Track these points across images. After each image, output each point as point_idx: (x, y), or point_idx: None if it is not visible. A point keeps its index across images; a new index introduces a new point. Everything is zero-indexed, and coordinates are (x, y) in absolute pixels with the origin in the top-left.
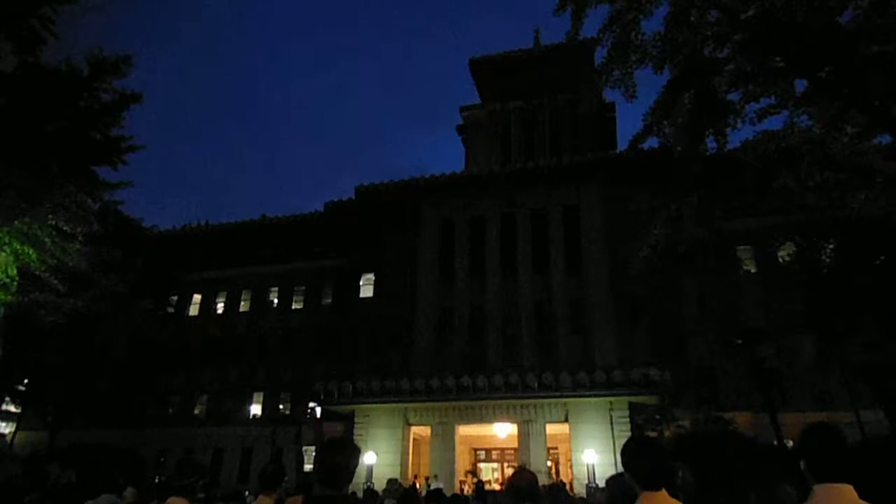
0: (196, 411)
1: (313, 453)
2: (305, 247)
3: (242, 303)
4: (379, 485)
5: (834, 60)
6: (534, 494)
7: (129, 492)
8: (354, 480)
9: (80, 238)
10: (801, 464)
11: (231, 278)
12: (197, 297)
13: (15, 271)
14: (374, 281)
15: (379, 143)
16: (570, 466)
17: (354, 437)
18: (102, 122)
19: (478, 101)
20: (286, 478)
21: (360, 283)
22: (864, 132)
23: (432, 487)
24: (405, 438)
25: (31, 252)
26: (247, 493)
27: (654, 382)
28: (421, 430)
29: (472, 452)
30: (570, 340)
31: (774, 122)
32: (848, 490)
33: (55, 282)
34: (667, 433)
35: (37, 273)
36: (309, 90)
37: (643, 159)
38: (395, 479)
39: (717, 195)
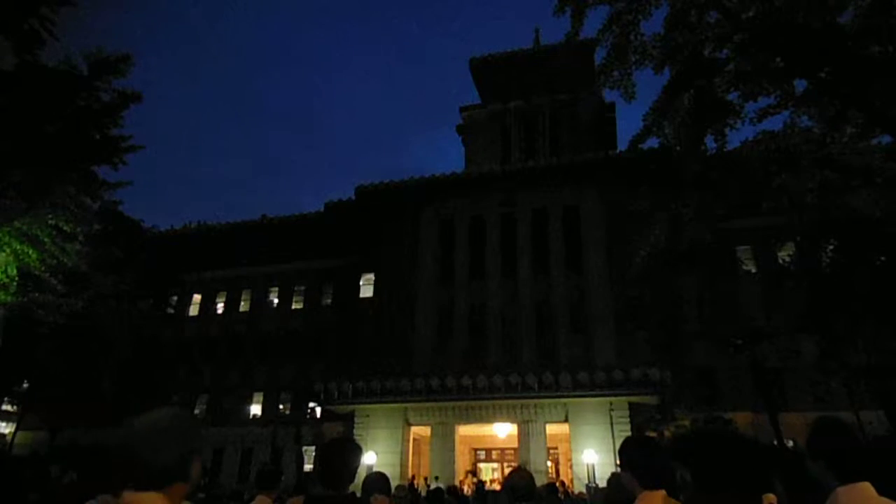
0: (196, 411)
1: (313, 453)
2: (305, 247)
3: (242, 303)
4: None
5: (834, 60)
6: (531, 494)
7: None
8: (355, 480)
9: (80, 238)
10: (818, 464)
11: (231, 278)
12: (197, 297)
13: (15, 271)
14: (374, 281)
15: (379, 143)
16: (570, 466)
17: (354, 437)
18: (102, 121)
19: (478, 101)
20: (283, 477)
21: (360, 283)
22: (864, 132)
23: (433, 488)
24: (405, 438)
25: (31, 252)
26: (246, 493)
27: (654, 382)
28: (421, 430)
29: (472, 452)
30: (570, 340)
31: (774, 122)
32: (867, 487)
33: (55, 282)
34: (667, 433)
35: (37, 273)
36: (309, 90)
37: (643, 159)
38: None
39: (717, 195)
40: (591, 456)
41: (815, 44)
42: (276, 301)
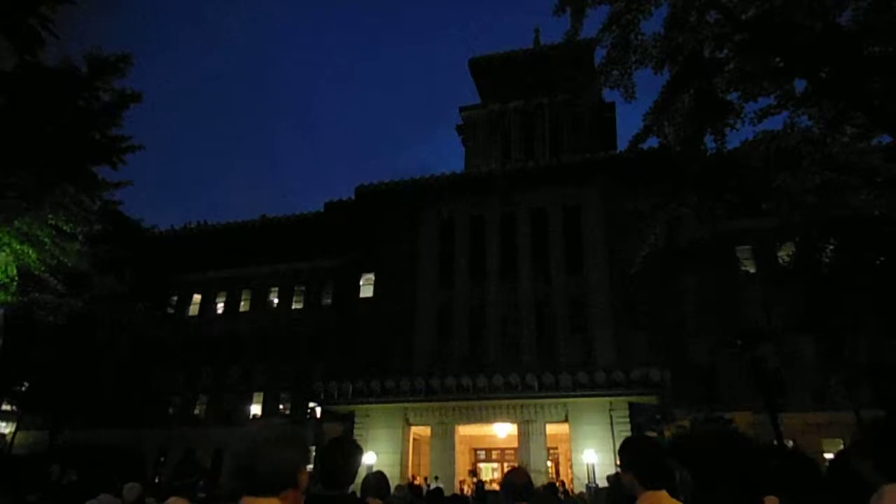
0: (196, 411)
1: (313, 453)
2: (305, 247)
3: (242, 303)
4: None
5: (834, 60)
6: (528, 493)
7: (130, 487)
8: (356, 480)
9: (80, 238)
10: (866, 463)
11: (231, 278)
12: (197, 297)
13: (15, 271)
14: (374, 281)
15: (379, 143)
16: (570, 466)
17: (354, 437)
18: (102, 121)
19: (478, 101)
20: None
21: (360, 283)
22: (864, 132)
23: (433, 488)
24: (405, 438)
25: (31, 252)
26: None
27: (654, 382)
28: (421, 430)
29: (472, 452)
30: (570, 340)
31: (774, 122)
32: None
33: (55, 282)
34: (667, 433)
35: (37, 273)
36: (309, 90)
37: (643, 159)
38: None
39: (717, 195)
40: (591, 456)
41: (815, 44)
42: (276, 301)
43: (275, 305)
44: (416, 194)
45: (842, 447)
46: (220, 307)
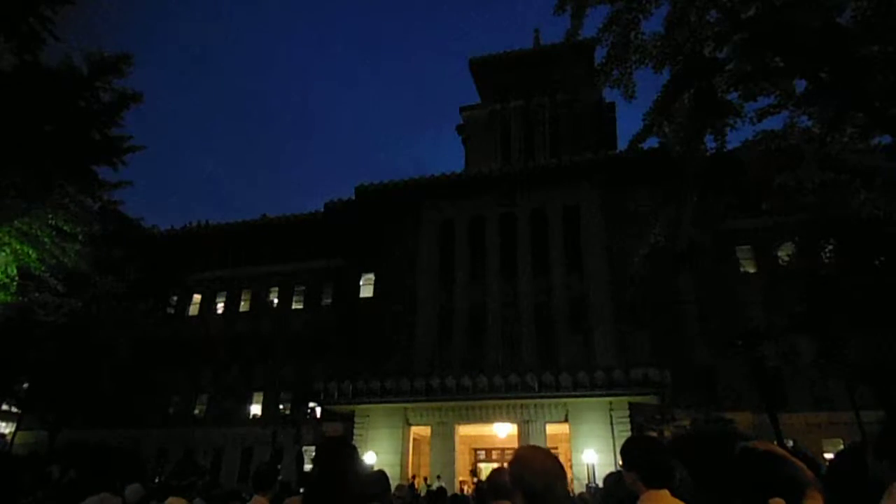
0: (196, 411)
1: (313, 453)
2: (305, 247)
3: (242, 303)
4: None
5: (834, 60)
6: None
7: (133, 489)
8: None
9: (80, 238)
10: (883, 464)
11: (231, 278)
12: (197, 297)
13: (15, 271)
14: (374, 281)
15: (379, 143)
16: (570, 466)
17: (354, 437)
18: (102, 121)
19: (478, 101)
20: (279, 477)
21: (360, 283)
22: (864, 132)
23: (434, 488)
24: (405, 438)
25: (31, 252)
26: (244, 493)
27: (654, 382)
28: (421, 430)
29: (472, 452)
30: (570, 340)
31: (774, 122)
32: None
33: (55, 282)
34: (667, 433)
35: (37, 273)
36: (309, 90)
37: (643, 159)
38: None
39: (717, 195)
40: (591, 456)
41: (815, 44)
42: (276, 301)
43: (275, 305)
44: (416, 194)
45: (842, 447)
46: (220, 307)
